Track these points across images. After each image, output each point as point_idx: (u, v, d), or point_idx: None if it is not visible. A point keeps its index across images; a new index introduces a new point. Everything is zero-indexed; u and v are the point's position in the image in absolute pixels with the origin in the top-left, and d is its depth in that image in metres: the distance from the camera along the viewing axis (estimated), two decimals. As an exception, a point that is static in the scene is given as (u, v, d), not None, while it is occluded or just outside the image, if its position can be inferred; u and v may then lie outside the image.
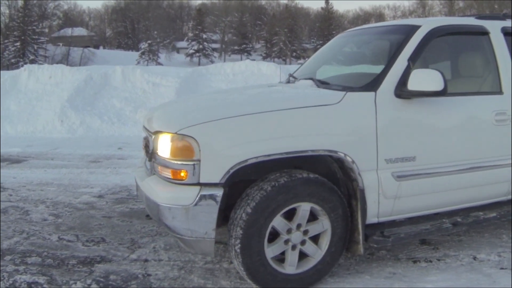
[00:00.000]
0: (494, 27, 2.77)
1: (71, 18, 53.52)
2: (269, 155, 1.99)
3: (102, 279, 2.39)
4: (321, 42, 43.39)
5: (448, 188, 2.45)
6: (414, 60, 2.35)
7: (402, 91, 2.26)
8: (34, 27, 35.21)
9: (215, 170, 1.97)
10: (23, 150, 6.33)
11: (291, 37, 48.52)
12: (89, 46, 45.49)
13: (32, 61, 31.89)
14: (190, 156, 1.97)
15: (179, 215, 2.00)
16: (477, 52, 2.75)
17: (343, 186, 2.29)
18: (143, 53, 43.95)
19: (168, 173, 2.07)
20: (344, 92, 2.27)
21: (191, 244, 2.10)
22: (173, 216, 2.02)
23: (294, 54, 47.81)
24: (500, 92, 2.69)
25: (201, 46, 48.15)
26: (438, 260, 2.64)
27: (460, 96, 2.59)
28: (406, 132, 2.30)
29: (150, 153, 2.27)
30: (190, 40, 49.47)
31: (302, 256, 2.23)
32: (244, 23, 53.41)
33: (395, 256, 2.69)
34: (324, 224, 2.19)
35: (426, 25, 2.56)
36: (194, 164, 1.97)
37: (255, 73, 9.05)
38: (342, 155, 2.12)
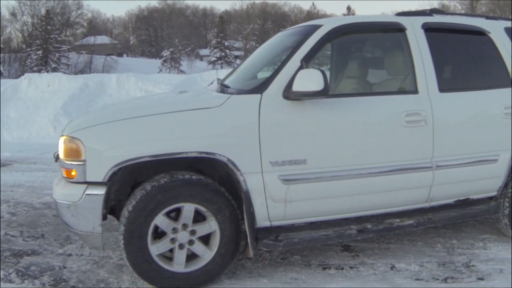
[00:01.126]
0: (413, 23, 2.83)
1: (95, 27, 56.16)
2: (141, 157, 2.19)
3: (23, 269, 2.71)
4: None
5: (348, 193, 2.52)
6: (308, 61, 2.46)
7: (289, 92, 2.36)
8: (56, 36, 37.39)
9: (99, 170, 2.21)
10: (11, 155, 6.87)
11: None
12: (112, 54, 47.58)
13: (54, 69, 33.78)
14: (78, 157, 2.23)
15: (70, 210, 2.27)
16: (392, 50, 2.85)
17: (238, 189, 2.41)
18: (165, 61, 45.50)
19: (63, 173, 2.35)
20: (228, 96, 2.43)
21: (83, 238, 2.35)
22: (65, 211, 2.29)
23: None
24: (415, 91, 2.73)
25: (223, 54, 49.30)
26: (351, 267, 2.73)
27: (363, 96, 2.68)
28: (295, 135, 2.39)
29: (57, 155, 2.56)
30: (212, 48, 50.81)
31: (195, 255, 2.40)
32: (267, 30, 54.37)
33: (307, 262, 2.81)
34: (211, 225, 2.36)
35: (328, 24, 2.66)
36: (81, 164, 2.22)
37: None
38: (221, 157, 2.27)
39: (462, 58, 3.10)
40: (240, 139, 2.32)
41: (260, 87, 2.43)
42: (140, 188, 2.28)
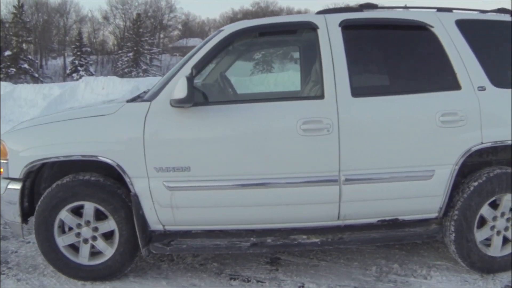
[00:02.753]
0: (329, 22, 2.78)
1: (190, 29, 60.91)
2: (44, 159, 2.68)
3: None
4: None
5: (238, 204, 2.64)
6: (199, 68, 2.66)
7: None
8: (147, 38, 41.55)
9: (16, 168, 2.75)
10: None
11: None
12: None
13: (145, 71, 37.68)
14: (4, 156, 2.82)
15: (0, 202, 2.86)
16: (303, 52, 2.85)
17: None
18: (257, 64, 47.72)
19: (-1, 170, 2.99)
20: (122, 103, 2.78)
21: (10, 226, 2.93)
22: (-1, 202, 2.91)
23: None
24: (320, 96, 2.68)
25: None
26: (258, 281, 2.85)
27: (254, 103, 2.75)
28: (180, 142, 2.61)
29: None
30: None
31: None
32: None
33: (220, 270, 3.00)
34: (110, 224, 2.74)
35: (229, 28, 2.79)
36: (6, 163, 2.80)
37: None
38: (107, 160, 2.62)
39: (391, 57, 2.93)
40: (127, 145, 2.63)
41: (153, 95, 2.73)
42: (48, 186, 2.79)
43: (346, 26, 2.79)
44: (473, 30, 2.92)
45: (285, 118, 2.65)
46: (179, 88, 2.47)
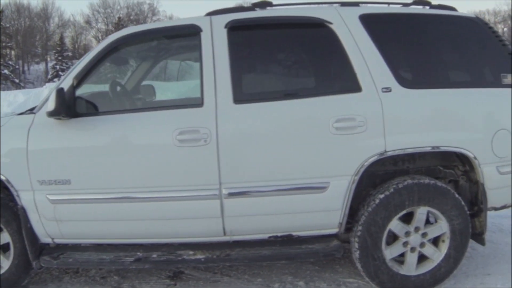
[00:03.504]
0: (215, 23, 2.71)
1: None
2: None
3: None
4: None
5: (120, 218, 2.62)
6: (82, 78, 2.66)
7: None
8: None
9: None
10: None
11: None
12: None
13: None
14: None
15: None
16: (189, 57, 2.82)
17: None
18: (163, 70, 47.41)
19: None
20: (12, 116, 2.79)
21: None
22: None
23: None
24: (200, 104, 2.60)
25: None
26: None
27: (129, 113, 2.71)
28: (60, 155, 2.61)
29: None
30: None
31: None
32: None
33: (118, 284, 2.99)
34: (5, 237, 2.74)
35: (113, 35, 2.77)
36: None
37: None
38: None
39: (283, 59, 2.87)
40: (12, 157, 2.65)
41: (39, 107, 2.73)
42: None
43: (233, 27, 2.70)
44: (380, 25, 2.78)
45: (161, 129, 2.61)
46: (51, 100, 2.48)
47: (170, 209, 2.64)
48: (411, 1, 3.02)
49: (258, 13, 2.82)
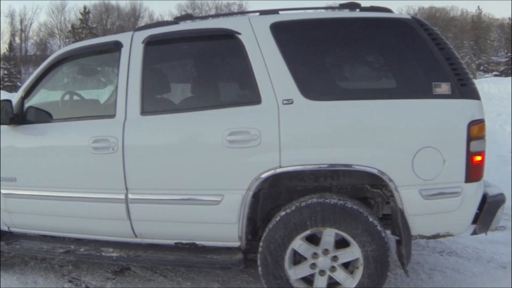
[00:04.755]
0: (134, 39, 2.92)
1: None
2: None
3: None
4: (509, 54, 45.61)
5: (50, 213, 3.04)
6: (29, 90, 3.17)
7: None
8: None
9: None
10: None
11: (477, 50, 50.58)
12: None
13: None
14: None
15: None
16: (112, 73, 3.05)
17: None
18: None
19: None
20: None
21: None
22: None
23: (482, 67, 49.31)
24: (112, 115, 2.87)
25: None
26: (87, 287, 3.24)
27: (65, 122, 3.08)
28: (8, 156, 3.12)
29: None
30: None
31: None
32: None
33: (68, 272, 3.44)
34: None
35: (57, 52, 3.16)
36: None
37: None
38: None
39: (191, 72, 3.00)
40: None
41: None
42: None
43: (149, 42, 2.88)
44: (290, 33, 2.71)
45: (80, 136, 2.93)
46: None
47: (88, 208, 2.97)
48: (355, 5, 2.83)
49: (175, 27, 2.95)
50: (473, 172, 2.48)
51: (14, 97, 3.24)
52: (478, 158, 2.49)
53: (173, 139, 2.78)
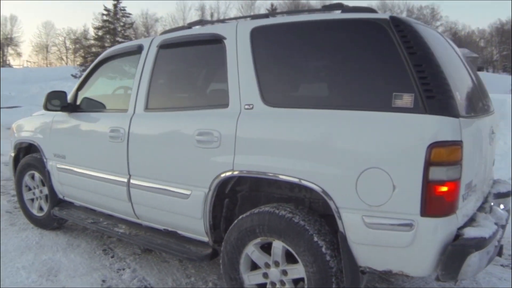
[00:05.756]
0: (153, 43, 3.33)
1: (460, 39, 60.23)
2: None
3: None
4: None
5: (84, 188, 3.66)
6: (81, 85, 3.91)
7: None
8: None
9: None
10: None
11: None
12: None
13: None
14: None
15: None
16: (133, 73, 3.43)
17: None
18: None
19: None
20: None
21: None
22: None
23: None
24: (126, 109, 3.34)
25: None
26: (116, 257, 3.75)
27: (95, 113, 3.68)
28: (60, 136, 3.91)
29: None
30: None
31: None
32: None
33: (104, 243, 4.05)
34: (44, 190, 4.32)
35: (101, 55, 3.80)
36: None
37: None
38: (34, 143, 4.21)
39: (185, 74, 3.24)
40: (41, 133, 4.14)
41: None
42: None
43: (162, 46, 3.27)
44: (263, 38, 2.76)
45: (101, 126, 3.51)
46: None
47: (105, 187, 3.52)
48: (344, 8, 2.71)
49: (184, 32, 3.28)
50: (433, 205, 2.12)
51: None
52: (443, 188, 2.12)
53: (157, 134, 3.13)
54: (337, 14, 2.66)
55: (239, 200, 2.94)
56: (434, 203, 2.12)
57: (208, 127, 2.78)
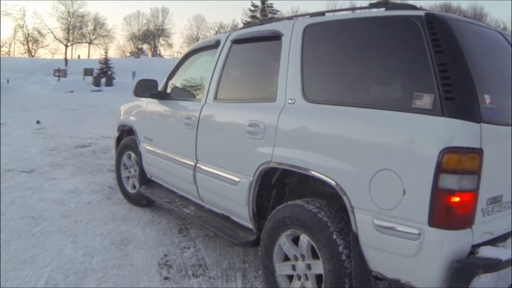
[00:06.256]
0: (229, 38, 3.65)
1: None
2: None
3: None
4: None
5: (163, 169, 4.15)
6: (170, 75, 4.40)
7: None
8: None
9: None
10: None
11: None
12: None
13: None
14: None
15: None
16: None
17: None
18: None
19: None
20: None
21: None
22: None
23: None
24: (199, 99, 3.78)
25: None
26: (190, 236, 4.23)
27: (177, 101, 4.11)
28: (149, 120, 4.46)
29: None
30: None
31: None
32: None
33: (182, 222, 4.54)
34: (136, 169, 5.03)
35: (188, 50, 4.17)
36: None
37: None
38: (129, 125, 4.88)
39: (248, 69, 3.47)
40: (137, 118, 4.78)
41: None
42: None
43: (234, 41, 3.58)
44: (313, 36, 2.89)
45: (179, 113, 3.96)
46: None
47: (178, 170, 3.98)
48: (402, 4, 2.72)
49: (253, 28, 3.58)
50: (441, 215, 2.04)
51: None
52: (454, 198, 2.03)
53: (218, 122, 3.50)
54: (378, 12, 2.65)
55: (287, 192, 3.11)
56: (443, 213, 2.04)
57: (256, 118, 3.02)
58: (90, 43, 70.52)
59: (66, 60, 58.90)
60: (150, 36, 75.86)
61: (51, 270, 3.33)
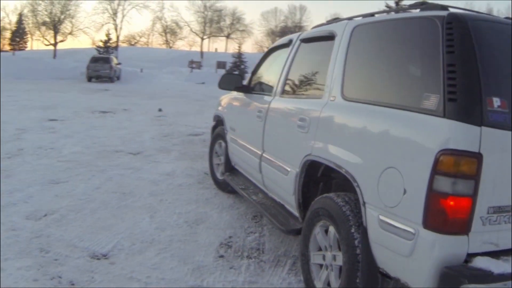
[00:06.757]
0: (299, 37, 3.97)
1: None
2: None
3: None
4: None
5: (242, 158, 4.61)
6: (254, 71, 4.89)
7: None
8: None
9: None
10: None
11: None
12: None
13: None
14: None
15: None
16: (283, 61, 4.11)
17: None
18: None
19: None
20: None
21: None
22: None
23: None
24: (269, 93, 4.18)
25: None
26: (261, 223, 4.65)
27: (257, 95, 4.51)
28: (233, 113, 5.03)
29: None
30: None
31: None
32: None
33: (257, 210, 4.88)
34: (221, 159, 5.56)
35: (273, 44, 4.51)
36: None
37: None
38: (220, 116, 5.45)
39: (306, 67, 3.72)
40: (227, 110, 5.36)
41: None
42: None
43: (301, 40, 3.95)
44: (357, 36, 3.08)
45: (253, 106, 4.41)
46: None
47: (250, 159, 4.41)
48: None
49: (319, 28, 3.86)
50: (433, 217, 2.08)
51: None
52: (449, 202, 2.05)
53: (279, 116, 3.88)
54: (410, 13, 2.73)
55: (333, 186, 3.30)
56: (435, 216, 2.09)
57: (304, 114, 3.33)
58: (227, 37, 74.66)
59: (201, 52, 63.26)
60: (288, 33, 77.55)
61: (121, 237, 3.93)
